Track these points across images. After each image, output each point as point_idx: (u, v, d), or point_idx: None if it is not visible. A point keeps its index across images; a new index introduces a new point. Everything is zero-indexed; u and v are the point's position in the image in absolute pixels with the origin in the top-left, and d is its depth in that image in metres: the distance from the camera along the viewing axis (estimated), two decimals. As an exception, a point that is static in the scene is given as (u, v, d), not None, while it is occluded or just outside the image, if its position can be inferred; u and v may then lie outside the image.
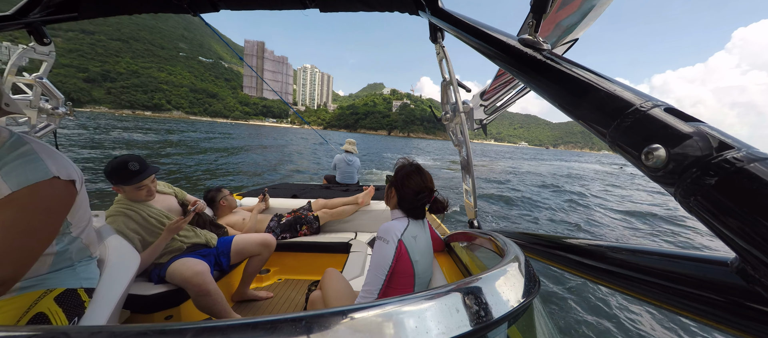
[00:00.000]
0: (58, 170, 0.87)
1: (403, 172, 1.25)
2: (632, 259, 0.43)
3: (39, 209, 0.81)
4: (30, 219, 0.80)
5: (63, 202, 0.90)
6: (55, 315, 0.93)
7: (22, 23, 1.34)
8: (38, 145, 0.89)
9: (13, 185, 0.78)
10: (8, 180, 0.79)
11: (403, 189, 1.22)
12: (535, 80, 0.54)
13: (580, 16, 0.96)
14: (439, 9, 1.00)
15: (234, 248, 1.98)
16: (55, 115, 1.81)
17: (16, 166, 0.81)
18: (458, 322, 0.34)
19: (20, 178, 0.80)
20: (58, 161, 0.90)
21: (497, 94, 1.86)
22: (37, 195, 0.82)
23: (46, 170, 0.84)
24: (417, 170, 1.25)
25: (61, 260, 0.99)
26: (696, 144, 0.32)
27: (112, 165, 1.55)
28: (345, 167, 4.80)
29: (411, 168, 1.26)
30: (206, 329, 0.26)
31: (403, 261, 1.13)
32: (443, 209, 1.26)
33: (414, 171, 1.24)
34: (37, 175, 0.82)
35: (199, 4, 1.38)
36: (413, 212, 1.22)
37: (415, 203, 1.20)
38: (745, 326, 0.30)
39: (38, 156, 0.85)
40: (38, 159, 0.84)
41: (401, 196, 1.22)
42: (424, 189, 1.21)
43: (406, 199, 1.21)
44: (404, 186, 1.22)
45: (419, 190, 1.20)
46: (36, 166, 0.83)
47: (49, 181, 0.84)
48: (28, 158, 0.83)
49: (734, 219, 0.28)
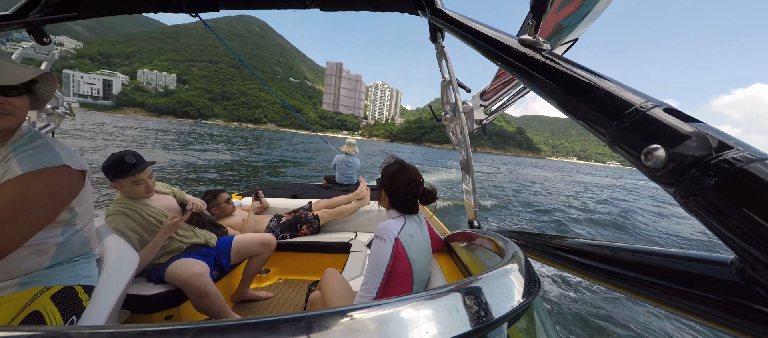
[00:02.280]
0: (69, 160, 0.94)
1: (389, 172, 1.28)
2: (632, 259, 0.43)
3: (44, 191, 0.87)
4: (33, 197, 0.85)
5: (68, 189, 0.96)
6: (50, 314, 0.93)
7: (22, 23, 1.34)
8: (51, 139, 0.97)
9: (26, 168, 0.86)
10: (22, 164, 0.86)
11: (393, 188, 1.25)
12: (535, 80, 0.54)
13: (579, 16, 0.96)
14: (438, 9, 1.00)
15: (234, 248, 1.98)
16: (55, 115, 1.82)
17: (31, 153, 0.89)
18: (458, 322, 0.34)
19: (33, 162, 0.87)
20: (70, 153, 0.97)
21: (497, 94, 1.86)
22: (45, 178, 0.88)
23: (57, 158, 0.91)
24: (401, 167, 1.28)
25: (63, 251, 1.01)
26: (695, 144, 0.32)
27: (109, 160, 1.56)
28: (344, 168, 4.78)
29: (395, 166, 1.29)
30: (206, 329, 0.26)
31: (400, 259, 1.14)
32: (433, 198, 1.28)
33: (399, 168, 1.27)
34: (48, 160, 0.90)
35: (199, 3, 1.38)
36: (406, 207, 1.25)
37: (406, 197, 1.23)
38: (744, 326, 0.30)
39: (52, 147, 0.93)
40: (52, 149, 0.93)
41: (392, 194, 1.25)
42: (411, 182, 1.24)
43: (396, 196, 1.24)
44: (393, 185, 1.25)
45: (406, 184, 1.23)
46: (48, 153, 0.91)
47: (59, 167, 0.91)
48: (42, 147, 0.92)
49: (734, 219, 0.28)
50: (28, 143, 0.91)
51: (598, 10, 0.93)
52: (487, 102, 1.94)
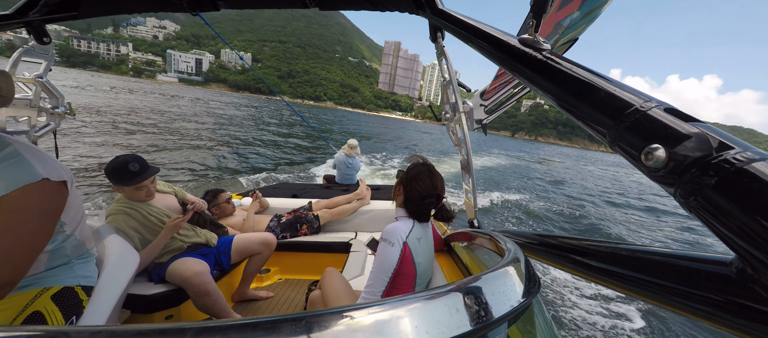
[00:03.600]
0: (47, 172, 0.84)
1: (414, 171, 1.19)
2: (632, 259, 0.43)
3: (32, 212, 0.80)
4: (24, 222, 0.78)
5: (54, 203, 0.88)
6: (51, 314, 0.92)
7: (22, 22, 1.34)
8: (21, 145, 0.86)
9: (2, 189, 0.77)
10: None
11: (410, 189, 1.17)
12: (535, 80, 0.54)
13: (579, 16, 0.96)
14: (438, 9, 1.00)
15: (234, 248, 1.98)
16: (55, 115, 1.81)
17: (3, 169, 0.79)
18: (458, 322, 0.34)
19: (8, 181, 0.78)
20: (45, 162, 0.87)
21: (497, 94, 1.86)
22: (28, 198, 0.80)
23: (34, 172, 0.82)
24: (428, 172, 1.18)
25: (56, 257, 0.99)
26: (696, 144, 0.32)
27: (112, 165, 1.55)
28: (344, 169, 4.78)
29: (423, 168, 1.19)
30: (206, 329, 0.26)
31: (406, 263, 1.12)
32: (449, 218, 1.21)
33: (425, 173, 1.18)
34: (25, 177, 0.80)
35: (200, 2, 1.38)
36: (417, 215, 1.18)
37: (420, 207, 1.16)
38: (744, 326, 0.30)
39: (24, 157, 0.83)
40: (25, 160, 0.82)
41: (407, 196, 1.18)
42: (432, 194, 1.16)
43: (411, 200, 1.17)
44: (412, 187, 1.17)
45: (427, 194, 1.15)
46: (23, 168, 0.81)
47: (39, 183, 0.82)
48: (13, 159, 0.81)
49: (734, 219, 0.28)
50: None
51: (598, 10, 0.93)
52: (488, 102, 1.94)
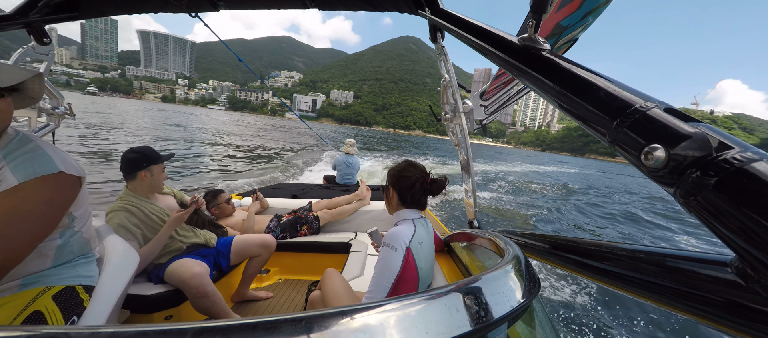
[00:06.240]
0: (64, 166, 0.90)
1: (398, 168, 1.27)
2: (632, 259, 0.43)
3: (41, 200, 0.84)
4: (31, 208, 0.82)
5: (66, 196, 0.93)
6: (51, 314, 0.93)
7: (22, 23, 1.34)
8: (43, 142, 0.92)
9: (21, 177, 0.82)
10: (16, 173, 0.82)
11: (400, 183, 1.23)
12: (535, 80, 0.54)
13: (579, 16, 0.96)
14: (439, 9, 1.00)
15: (234, 249, 1.98)
16: (55, 115, 1.81)
17: (24, 160, 0.85)
18: (458, 322, 0.34)
19: (28, 170, 0.83)
20: (64, 157, 0.93)
21: (497, 94, 1.86)
22: (42, 187, 0.85)
23: (52, 165, 0.87)
24: (409, 163, 1.27)
25: (63, 253, 1.01)
26: (696, 144, 0.32)
27: (135, 151, 1.66)
28: (344, 168, 4.78)
29: (402, 163, 1.28)
30: (206, 329, 0.26)
31: (409, 268, 1.12)
32: (443, 186, 1.25)
33: (407, 165, 1.27)
34: (43, 168, 0.86)
35: (199, 4, 1.38)
36: (417, 202, 1.23)
37: (414, 192, 1.21)
38: (744, 326, 0.29)
39: (44, 151, 0.89)
40: (45, 154, 0.88)
41: (401, 190, 1.23)
42: (420, 176, 1.23)
43: (405, 190, 1.22)
44: (400, 180, 1.23)
45: (415, 179, 1.22)
46: (42, 159, 0.87)
47: (56, 175, 0.87)
48: (34, 153, 0.87)
49: (734, 219, 0.28)
50: (18, 147, 0.87)
51: (598, 11, 0.93)
52: (488, 102, 1.94)
